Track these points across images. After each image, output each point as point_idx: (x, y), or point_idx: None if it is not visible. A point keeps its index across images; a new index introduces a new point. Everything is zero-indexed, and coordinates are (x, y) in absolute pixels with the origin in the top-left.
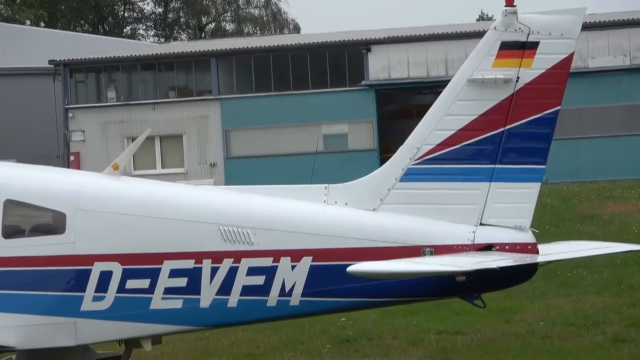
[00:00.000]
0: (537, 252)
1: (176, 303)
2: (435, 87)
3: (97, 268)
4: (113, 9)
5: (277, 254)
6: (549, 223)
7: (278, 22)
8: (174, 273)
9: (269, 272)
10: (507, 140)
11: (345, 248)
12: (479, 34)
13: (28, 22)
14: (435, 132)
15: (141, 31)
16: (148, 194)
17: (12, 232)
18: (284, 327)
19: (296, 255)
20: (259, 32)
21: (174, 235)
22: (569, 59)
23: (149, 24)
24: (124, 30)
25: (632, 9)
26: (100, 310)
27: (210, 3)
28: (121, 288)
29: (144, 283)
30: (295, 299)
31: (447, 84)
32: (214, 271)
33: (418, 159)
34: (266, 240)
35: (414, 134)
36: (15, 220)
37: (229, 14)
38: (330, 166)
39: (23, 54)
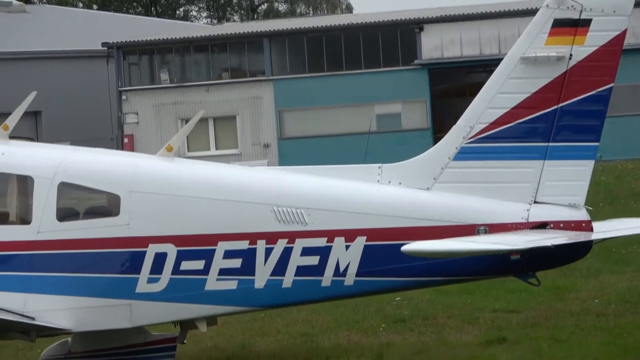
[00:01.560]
0: (591, 229)
1: (231, 284)
2: (488, 66)
3: (152, 250)
4: None
5: (331, 234)
6: (603, 201)
7: (330, 2)
8: (229, 254)
9: (323, 252)
10: (560, 118)
11: (399, 227)
12: (532, 12)
13: (81, 4)
14: (488, 111)
15: (194, 13)
16: (202, 176)
17: (66, 215)
18: (339, 307)
19: (350, 235)
20: (311, 12)
21: (228, 216)
22: (621, 36)
23: (201, 5)
24: (177, 12)
25: None
26: (155, 292)
27: None
28: (176, 269)
29: (199, 264)
30: (349, 279)
31: (500, 63)
32: (268, 252)
33: (471, 137)
34: (320, 221)
35: (467, 113)
36: (69, 203)
37: None
38: (383, 146)
39: (76, 36)
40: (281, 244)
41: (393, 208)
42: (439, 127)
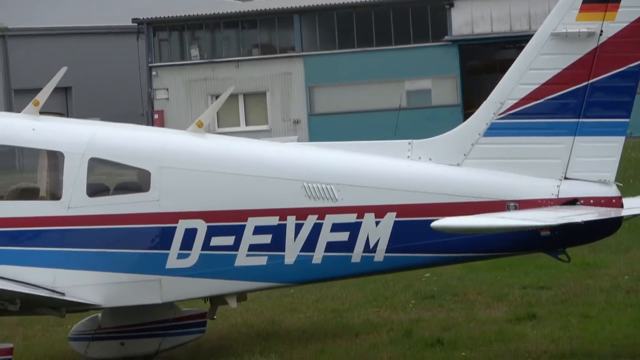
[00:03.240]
0: (621, 205)
1: (261, 260)
2: (518, 42)
3: (182, 225)
4: None
5: (361, 210)
6: (634, 177)
7: None
8: (259, 230)
9: (353, 228)
10: (590, 94)
11: (429, 203)
12: None
13: None
14: (519, 87)
15: None
16: (232, 151)
17: (96, 191)
18: (369, 283)
19: (380, 211)
20: None
21: (258, 192)
22: None
23: None
24: None
25: None
26: (185, 267)
27: None
28: (206, 245)
29: (229, 240)
30: (379, 255)
31: (530, 39)
32: (298, 228)
33: (502, 113)
34: (350, 197)
35: (497, 89)
36: (99, 179)
37: None
38: (413, 122)
39: (107, 12)
40: (311, 220)
41: (423, 184)
42: (469, 103)
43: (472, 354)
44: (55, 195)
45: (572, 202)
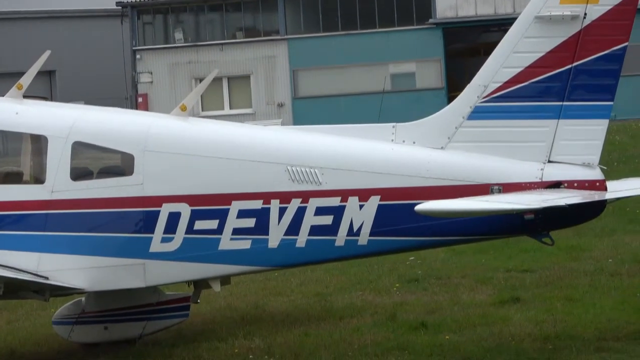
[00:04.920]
0: (605, 189)
1: (244, 244)
2: (502, 25)
3: (166, 209)
4: None
5: (345, 194)
6: (618, 160)
7: None
8: (243, 214)
9: (337, 212)
10: (574, 77)
11: (413, 187)
12: None
13: None
14: (502, 70)
15: None
16: (216, 135)
17: (80, 175)
18: (353, 267)
19: (364, 195)
20: None
21: (242, 175)
22: None
23: None
24: None
25: None
26: (169, 251)
27: None
28: (190, 229)
29: (213, 224)
30: (363, 239)
31: (514, 22)
32: (282, 211)
33: (486, 97)
34: (334, 180)
35: (481, 72)
36: (83, 163)
37: None
38: (397, 105)
39: None
40: (295, 203)
41: (407, 167)
42: (454, 86)
43: (456, 337)
44: (38, 179)
45: (556, 185)
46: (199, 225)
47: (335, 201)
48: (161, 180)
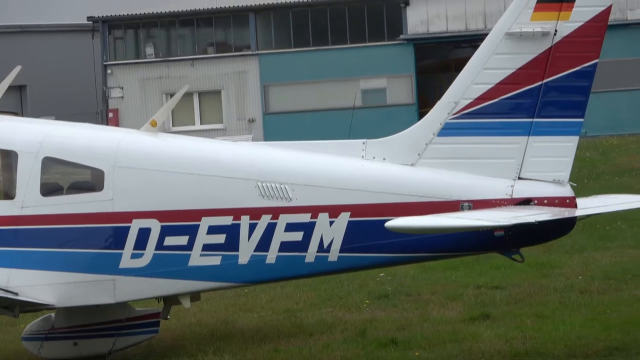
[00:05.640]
0: (575, 206)
1: (214, 260)
2: (473, 41)
3: (136, 225)
4: None
5: (315, 210)
6: (588, 176)
7: None
8: (213, 230)
9: (307, 228)
10: (545, 94)
11: (383, 203)
12: None
13: None
14: (473, 86)
15: None
16: (186, 151)
17: (50, 190)
18: (323, 283)
19: (334, 211)
20: None
21: (212, 191)
22: (607, 12)
23: None
24: None
25: None
26: (139, 267)
27: None
28: (160, 245)
29: (183, 240)
30: (333, 255)
31: (485, 38)
32: (252, 227)
33: (456, 113)
34: (304, 196)
35: (452, 89)
36: (53, 178)
37: None
38: (368, 121)
39: (61, 10)
40: (265, 219)
41: (377, 184)
42: (424, 102)
43: (426, 354)
44: (8, 194)
45: (526, 202)
46: (169, 241)
47: (305, 217)
48: (131, 196)
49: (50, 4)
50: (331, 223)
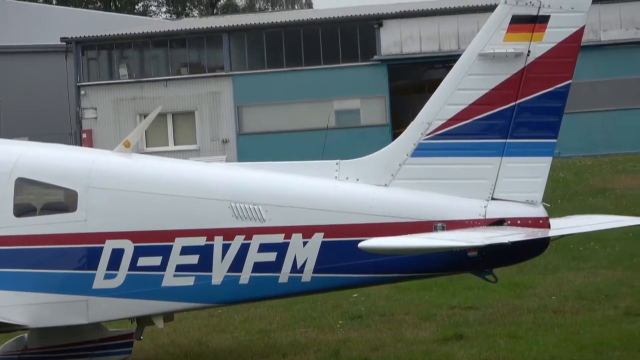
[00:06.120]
0: (548, 226)
1: (188, 280)
2: (447, 62)
3: (109, 246)
4: None
5: (288, 230)
6: (561, 197)
7: None
8: (186, 250)
9: (281, 249)
10: (518, 115)
11: (357, 224)
12: (491, 8)
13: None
14: (446, 107)
15: (153, 8)
16: (159, 171)
17: (23, 211)
18: (296, 304)
19: (308, 232)
20: (270, 7)
21: (186, 212)
22: (580, 32)
23: (160, 0)
24: (136, 7)
25: None
26: (112, 288)
27: None
28: (133, 266)
29: (156, 260)
30: (307, 275)
31: (458, 59)
32: (225, 248)
33: (429, 134)
34: (278, 217)
35: (425, 109)
36: (26, 199)
37: None
38: (342, 142)
39: (35, 31)
40: (238, 240)
41: (350, 204)
42: (398, 123)
43: None
44: None
45: (499, 222)
46: (142, 261)
47: (278, 238)
48: (104, 216)
49: (24, 25)
50: (305, 243)
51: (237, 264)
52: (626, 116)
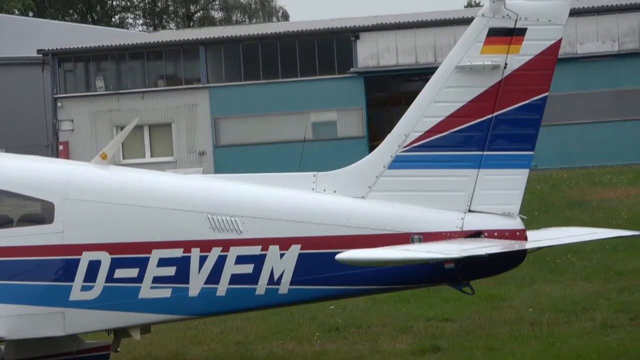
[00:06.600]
0: (525, 238)
1: (165, 292)
2: (424, 74)
3: (86, 257)
4: None
5: (265, 242)
6: (538, 209)
7: (266, 9)
8: (163, 262)
9: (258, 261)
10: (495, 127)
11: (334, 236)
12: (468, 21)
13: (16, 11)
14: (423, 119)
15: (130, 20)
16: (136, 183)
17: (0, 222)
18: (273, 316)
19: (285, 244)
20: (247, 20)
21: (163, 224)
22: (557, 45)
23: (137, 12)
24: (113, 19)
25: None
26: (89, 299)
27: None
28: (110, 277)
29: (133, 272)
30: (284, 287)
31: (435, 71)
32: (202, 260)
33: (406, 146)
34: (255, 229)
35: (402, 122)
36: (3, 210)
37: (217, 2)
38: (319, 154)
39: (11, 43)
40: (215, 252)
41: (327, 216)
42: (375, 135)
43: None
44: None
45: (476, 234)
46: (119, 273)
47: (255, 250)
48: (81, 228)
49: (1, 37)
50: (282, 255)
51: (214, 276)
52: (602, 129)
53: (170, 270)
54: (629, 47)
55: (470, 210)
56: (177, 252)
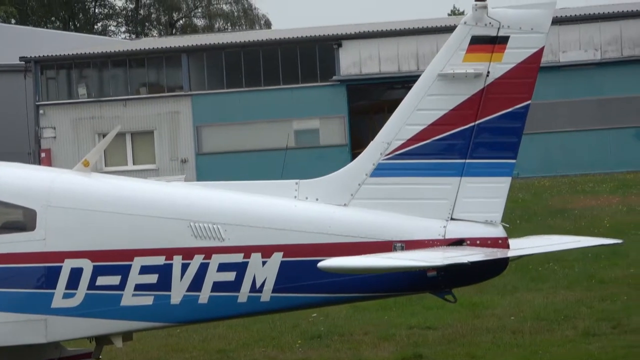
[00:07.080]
0: (508, 246)
1: (147, 299)
2: (406, 82)
3: (68, 265)
4: (84, 6)
5: (247, 250)
6: (520, 217)
7: (249, 17)
8: (145, 269)
9: (240, 268)
10: (477, 135)
11: (316, 243)
12: (450, 29)
13: None
14: (405, 127)
15: (112, 28)
16: (118, 191)
17: None
18: (255, 323)
19: (267, 251)
20: (229, 27)
21: (145, 231)
22: (539, 53)
23: (120, 20)
24: (95, 27)
25: (602, 3)
26: (71, 307)
27: None
28: (92, 285)
29: (115, 280)
30: (266, 295)
31: (418, 79)
32: (184, 267)
33: (389, 154)
34: (237, 236)
35: (384, 129)
36: None
37: (199, 10)
38: (301, 162)
39: None
40: (197, 259)
41: (310, 224)
42: (357, 143)
43: None
44: None
45: (458, 242)
46: (101, 281)
47: (238, 257)
48: (63, 235)
49: None
50: (264, 263)
51: (196, 284)
52: (585, 137)
53: (152, 278)
54: (611, 55)
55: (452, 218)
56: (159, 260)
